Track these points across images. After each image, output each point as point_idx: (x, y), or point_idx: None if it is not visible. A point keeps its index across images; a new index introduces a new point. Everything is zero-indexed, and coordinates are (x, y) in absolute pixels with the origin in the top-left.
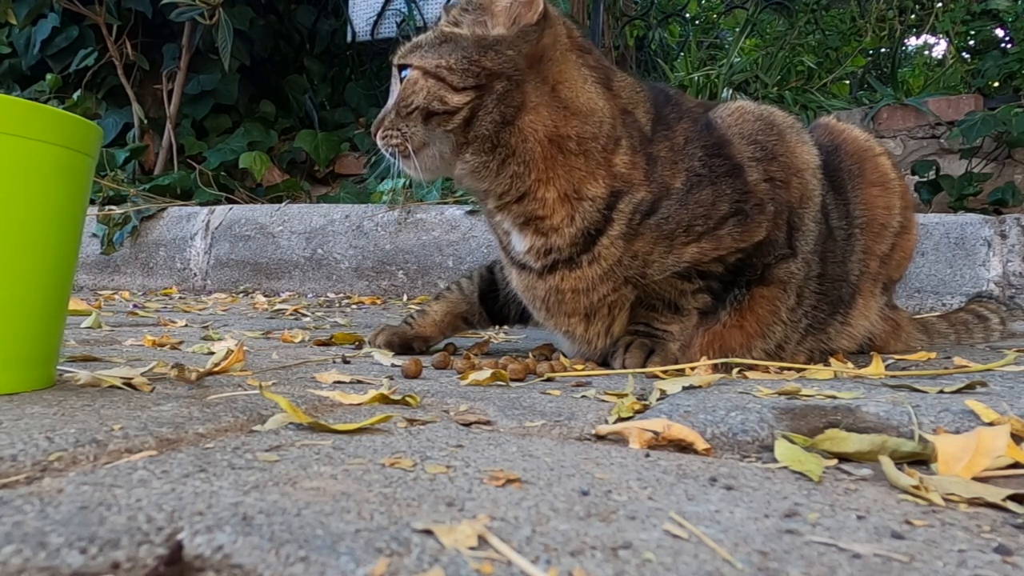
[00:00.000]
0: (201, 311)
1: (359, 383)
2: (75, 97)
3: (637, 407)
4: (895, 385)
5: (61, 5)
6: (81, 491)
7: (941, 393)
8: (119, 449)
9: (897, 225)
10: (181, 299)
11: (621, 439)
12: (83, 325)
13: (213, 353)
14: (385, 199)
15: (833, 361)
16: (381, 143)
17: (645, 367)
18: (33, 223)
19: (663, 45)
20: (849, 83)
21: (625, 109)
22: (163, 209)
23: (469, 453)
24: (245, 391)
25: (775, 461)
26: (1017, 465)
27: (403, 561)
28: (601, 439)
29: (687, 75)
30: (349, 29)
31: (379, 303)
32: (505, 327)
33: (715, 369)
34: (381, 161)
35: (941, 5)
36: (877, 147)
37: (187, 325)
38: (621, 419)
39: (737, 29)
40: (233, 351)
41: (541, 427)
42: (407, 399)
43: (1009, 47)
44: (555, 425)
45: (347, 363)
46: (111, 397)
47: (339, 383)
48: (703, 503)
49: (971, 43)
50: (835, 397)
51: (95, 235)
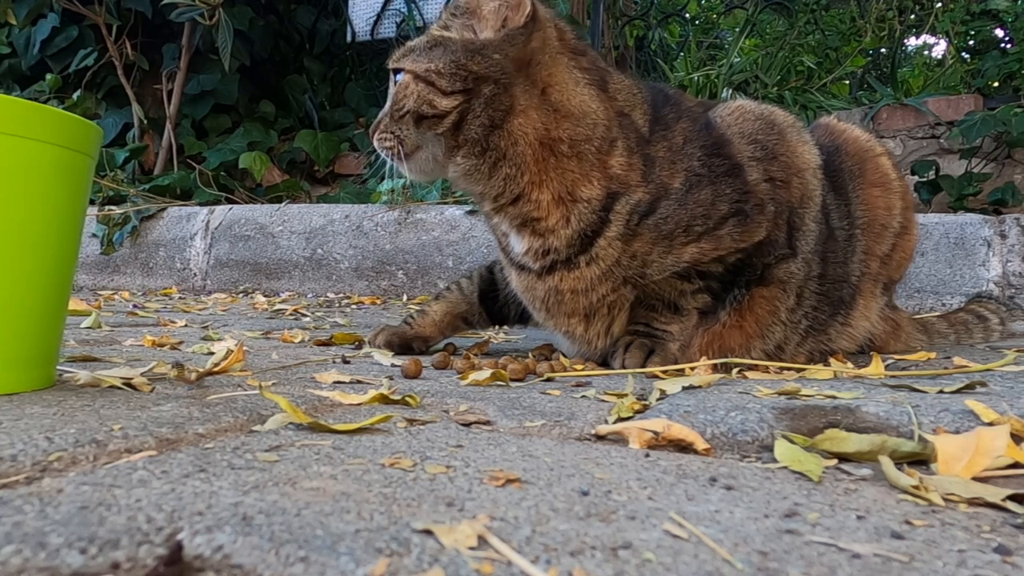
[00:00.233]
0: (201, 311)
1: (359, 383)
2: (75, 97)
3: (637, 407)
4: (895, 385)
5: (61, 5)
6: (81, 491)
7: (941, 393)
8: (119, 449)
9: (898, 226)
10: (181, 299)
11: (621, 439)
12: (83, 325)
13: (213, 353)
14: (385, 199)
15: (833, 361)
16: (377, 145)
17: (645, 367)
18: (33, 223)
19: (663, 45)
20: (849, 83)
21: (621, 111)
22: (163, 209)
23: (469, 453)
24: (245, 391)
25: (775, 461)
26: (1017, 465)
27: (403, 561)
28: (601, 439)
29: (687, 75)
30: (349, 29)
31: (379, 303)
32: (505, 327)
33: (715, 369)
34: (379, 161)
35: (941, 5)
36: (878, 147)
37: (187, 325)
38: (621, 419)
39: (737, 29)
40: (233, 351)
41: (541, 427)
42: (407, 399)
43: (1009, 47)
44: (555, 425)
45: (347, 363)
46: (111, 397)
47: (339, 383)
48: (703, 503)
49: (971, 43)
50: (835, 397)
51: (95, 235)
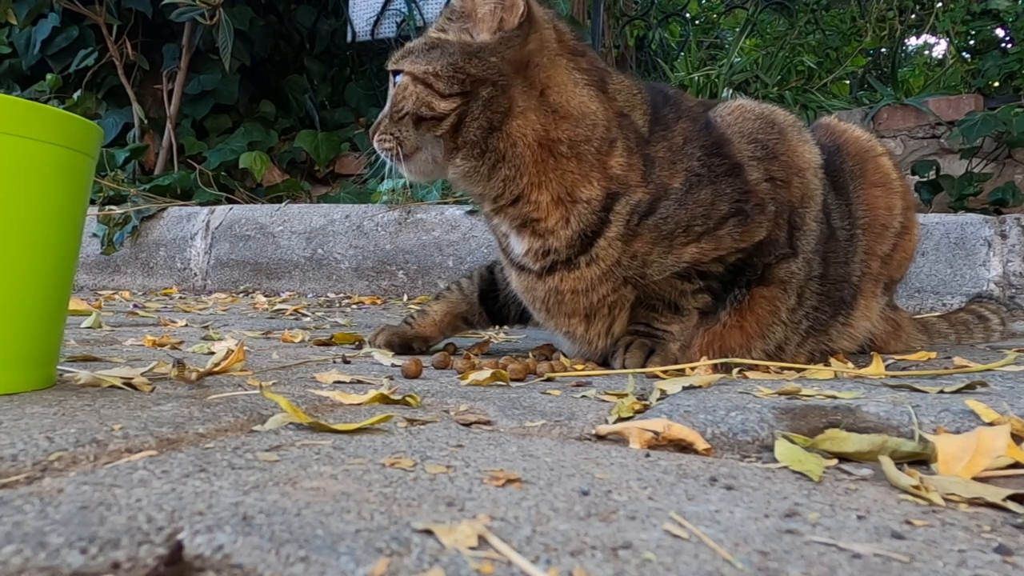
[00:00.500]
0: (201, 311)
1: (359, 383)
2: (75, 97)
3: (637, 407)
4: (895, 385)
5: (61, 5)
6: (81, 491)
7: (941, 393)
8: (119, 449)
9: (899, 226)
10: (181, 299)
11: (621, 439)
12: (83, 325)
13: (213, 353)
14: (385, 199)
15: (833, 361)
16: (377, 146)
17: (645, 367)
18: (33, 223)
19: (663, 45)
20: (849, 83)
21: (621, 111)
22: (163, 209)
23: (469, 453)
24: (245, 391)
25: (775, 461)
26: (1017, 465)
27: (403, 561)
28: (601, 439)
29: (687, 75)
30: (349, 29)
31: (379, 303)
32: (505, 327)
33: (715, 369)
34: (379, 161)
35: (941, 5)
36: (879, 147)
37: (187, 325)
38: (621, 419)
39: (737, 29)
40: (233, 351)
41: (541, 427)
42: (407, 399)
43: (1009, 47)
44: (555, 425)
45: (347, 363)
46: (111, 397)
47: (339, 383)
48: (703, 503)
49: (971, 43)
50: (835, 397)
51: (95, 235)
